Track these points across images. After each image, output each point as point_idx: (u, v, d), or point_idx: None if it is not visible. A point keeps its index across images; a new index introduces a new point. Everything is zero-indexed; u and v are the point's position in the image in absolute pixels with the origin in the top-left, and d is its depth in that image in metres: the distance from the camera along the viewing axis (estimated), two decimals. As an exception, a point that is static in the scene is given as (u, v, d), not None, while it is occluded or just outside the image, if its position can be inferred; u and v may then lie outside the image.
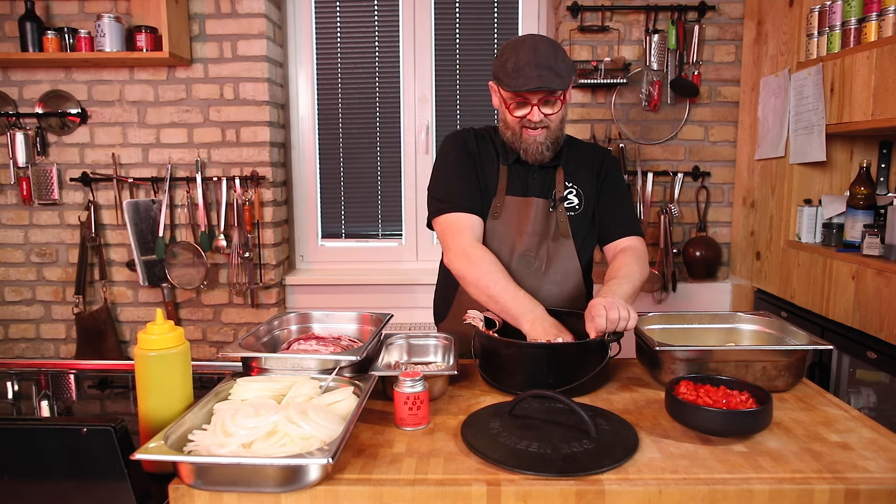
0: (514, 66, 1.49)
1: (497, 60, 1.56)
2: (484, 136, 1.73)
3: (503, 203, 1.66)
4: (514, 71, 1.49)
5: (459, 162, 1.68)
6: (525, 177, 1.68)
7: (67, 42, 2.65)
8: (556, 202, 1.66)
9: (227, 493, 0.95)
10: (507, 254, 1.65)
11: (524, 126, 1.57)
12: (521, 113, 1.56)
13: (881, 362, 1.93)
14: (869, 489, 0.96)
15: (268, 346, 1.51)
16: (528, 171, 1.68)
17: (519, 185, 1.67)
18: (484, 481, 0.97)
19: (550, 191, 1.68)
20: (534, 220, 1.65)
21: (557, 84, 1.49)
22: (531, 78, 1.47)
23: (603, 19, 2.76)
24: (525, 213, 1.65)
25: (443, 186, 1.67)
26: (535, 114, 1.54)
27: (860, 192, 2.14)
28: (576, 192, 1.69)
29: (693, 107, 2.82)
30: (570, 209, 1.68)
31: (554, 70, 1.48)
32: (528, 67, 1.47)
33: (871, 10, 2.01)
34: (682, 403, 1.12)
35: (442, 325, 1.82)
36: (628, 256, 1.64)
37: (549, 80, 1.48)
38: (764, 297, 2.66)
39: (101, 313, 2.87)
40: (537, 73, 1.47)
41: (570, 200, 1.69)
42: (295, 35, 3.06)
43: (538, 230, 1.65)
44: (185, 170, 2.84)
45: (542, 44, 1.51)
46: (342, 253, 3.19)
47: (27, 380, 1.59)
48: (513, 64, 1.50)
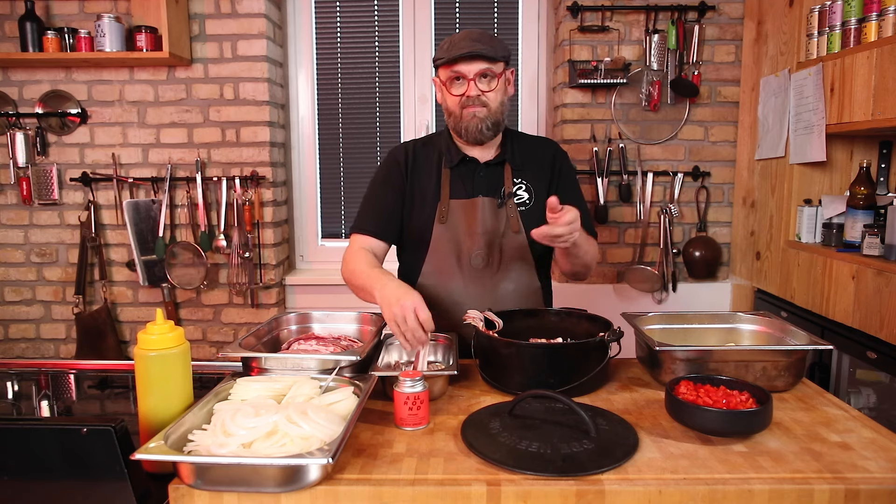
0: (449, 45, 1.58)
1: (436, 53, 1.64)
2: (429, 143, 1.76)
3: (448, 207, 1.66)
4: (448, 47, 1.57)
5: (380, 181, 1.74)
6: (471, 177, 1.69)
7: (67, 42, 2.65)
8: (505, 198, 1.67)
9: (227, 493, 0.95)
10: (458, 256, 1.66)
11: (463, 106, 1.60)
12: (459, 91, 1.59)
13: (881, 362, 1.93)
14: (869, 489, 0.96)
15: (268, 346, 1.51)
16: (474, 170, 1.69)
17: (464, 186, 1.68)
18: (484, 481, 0.97)
19: (499, 188, 1.68)
20: (481, 219, 1.65)
21: (489, 52, 1.55)
22: (463, 48, 1.54)
23: (603, 19, 2.76)
24: (472, 214, 1.65)
25: (362, 205, 1.75)
26: (472, 88, 1.57)
27: (860, 192, 2.14)
28: (525, 186, 1.70)
29: (693, 107, 2.82)
30: (520, 205, 1.68)
31: (485, 43, 1.55)
32: (461, 42, 1.56)
33: (871, 10, 2.01)
34: (682, 403, 1.12)
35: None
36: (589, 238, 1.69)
37: (480, 49, 1.54)
38: (764, 297, 2.66)
39: (101, 313, 2.87)
40: (469, 45, 1.54)
41: (520, 196, 1.69)
42: (295, 35, 3.06)
43: (487, 229, 1.65)
44: (185, 170, 2.84)
45: (474, 30, 1.60)
46: (342, 253, 3.17)
47: (27, 380, 1.59)
48: (447, 43, 1.59)
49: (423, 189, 1.70)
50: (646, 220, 2.84)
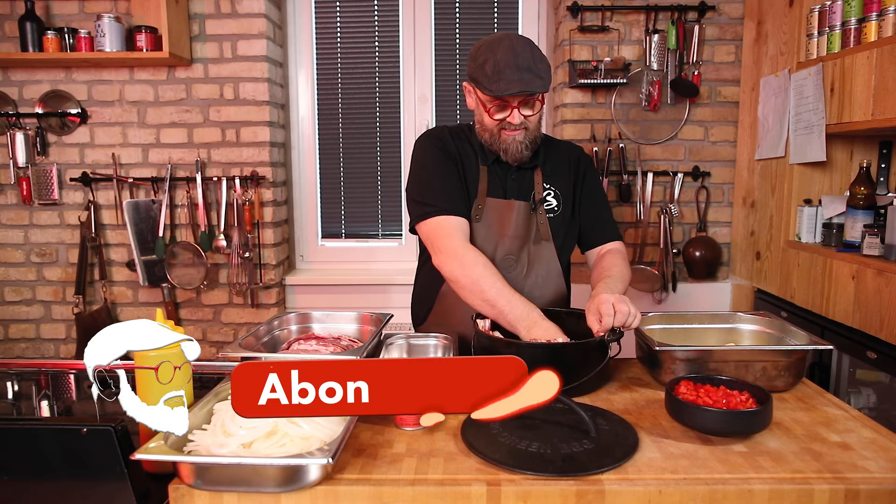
0: (494, 69, 1.45)
1: (472, 62, 1.52)
2: (460, 135, 1.69)
3: (485, 205, 1.63)
4: (493, 73, 1.45)
5: (439, 161, 1.63)
6: (504, 178, 1.66)
7: (67, 42, 2.65)
8: (537, 204, 1.64)
9: (227, 493, 0.95)
10: (490, 256, 1.62)
11: (503, 128, 1.54)
12: (501, 116, 1.52)
13: (881, 362, 1.93)
14: (869, 489, 0.96)
15: (268, 346, 1.51)
16: (506, 171, 1.66)
17: (499, 186, 1.65)
18: (484, 481, 0.97)
19: (529, 192, 1.66)
20: (515, 223, 1.62)
21: (539, 86, 1.46)
22: (512, 81, 1.44)
23: (603, 19, 2.76)
24: (507, 216, 1.63)
25: (424, 188, 1.61)
26: (515, 116, 1.51)
27: (860, 192, 2.14)
28: (554, 193, 1.68)
29: (693, 107, 2.82)
30: (549, 211, 1.66)
31: (534, 71, 1.45)
32: (507, 70, 1.44)
33: (871, 10, 2.01)
34: (682, 403, 1.12)
35: (420, 329, 1.81)
36: (615, 258, 1.64)
37: (530, 82, 1.45)
38: (764, 297, 2.66)
39: (101, 313, 2.87)
40: (518, 77, 1.44)
41: (549, 202, 1.67)
42: (295, 35, 3.06)
43: (520, 233, 1.63)
44: (185, 170, 2.84)
45: (519, 44, 1.47)
46: (342, 253, 3.19)
47: (27, 380, 1.59)
48: (491, 66, 1.45)
49: (465, 180, 1.65)
50: (646, 220, 2.84)
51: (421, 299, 1.80)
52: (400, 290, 2.99)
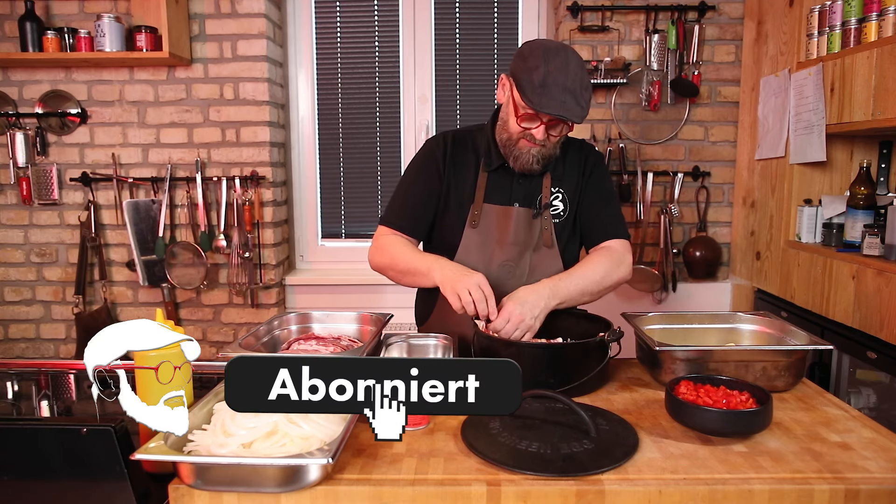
0: (541, 80, 1.41)
1: (521, 61, 1.46)
2: (464, 141, 1.67)
3: (481, 211, 1.61)
4: (540, 86, 1.41)
5: (417, 172, 1.68)
6: (510, 181, 1.63)
7: (67, 42, 2.65)
8: (541, 209, 1.62)
9: (227, 493, 0.95)
10: (487, 263, 1.61)
11: (523, 136, 1.52)
12: (527, 125, 1.50)
13: (881, 362, 1.93)
14: (869, 489, 0.96)
15: (268, 346, 1.51)
16: (512, 176, 1.63)
17: (500, 191, 1.62)
18: (484, 481, 0.97)
19: (536, 196, 1.63)
20: (514, 229, 1.60)
21: (576, 116, 1.45)
22: (554, 101, 1.41)
23: (603, 19, 2.76)
24: (505, 223, 1.60)
25: (394, 194, 1.70)
26: (540, 132, 1.49)
27: (860, 192, 2.14)
28: (562, 196, 1.65)
29: (693, 107, 2.82)
30: (555, 216, 1.64)
31: (577, 99, 1.43)
32: (554, 87, 1.40)
33: (871, 10, 2.01)
34: (682, 403, 1.12)
35: (422, 329, 1.81)
36: (600, 255, 1.61)
37: (570, 109, 1.43)
38: (764, 297, 2.66)
39: (101, 313, 2.87)
40: (561, 98, 1.41)
41: (556, 206, 1.65)
42: (295, 35, 3.06)
43: (520, 240, 1.61)
44: (185, 170, 2.84)
45: (573, 63, 1.44)
46: (342, 253, 3.19)
47: (27, 380, 1.59)
48: (540, 77, 1.41)
49: (458, 189, 1.64)
50: (646, 220, 2.84)
51: (423, 299, 1.81)
52: (400, 291, 2.96)
